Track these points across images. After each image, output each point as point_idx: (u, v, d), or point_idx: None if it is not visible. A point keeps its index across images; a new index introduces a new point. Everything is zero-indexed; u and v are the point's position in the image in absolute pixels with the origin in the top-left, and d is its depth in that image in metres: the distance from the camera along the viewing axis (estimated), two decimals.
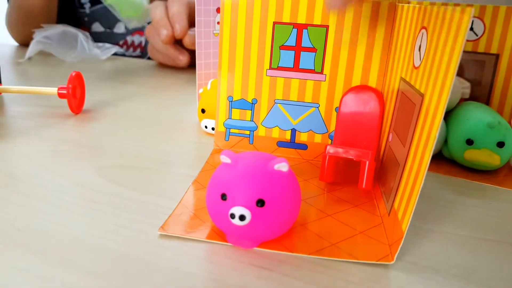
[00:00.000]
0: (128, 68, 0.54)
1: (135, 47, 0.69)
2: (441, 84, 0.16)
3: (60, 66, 0.53)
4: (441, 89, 0.16)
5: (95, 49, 0.58)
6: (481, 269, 0.17)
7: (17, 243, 0.17)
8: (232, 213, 0.16)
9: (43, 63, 0.55)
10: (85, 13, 0.70)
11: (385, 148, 0.22)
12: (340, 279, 0.16)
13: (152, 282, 0.15)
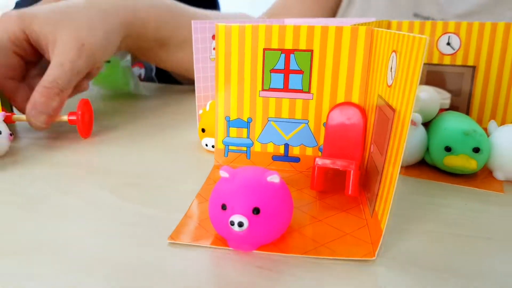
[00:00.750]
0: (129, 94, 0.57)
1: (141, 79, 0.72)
2: (407, 100, 0.18)
3: None
4: (407, 104, 0.18)
5: None
6: (458, 262, 0.19)
7: (42, 257, 0.19)
8: (232, 221, 0.18)
9: None
10: None
11: (368, 158, 0.25)
12: (329, 275, 0.18)
13: (165, 283, 0.17)
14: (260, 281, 0.18)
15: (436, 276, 0.18)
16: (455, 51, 0.34)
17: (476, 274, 0.18)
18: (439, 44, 0.35)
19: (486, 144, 0.27)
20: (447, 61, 0.35)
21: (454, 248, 0.20)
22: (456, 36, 0.34)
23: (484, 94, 0.34)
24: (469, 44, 0.34)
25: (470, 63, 0.34)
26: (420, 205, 0.25)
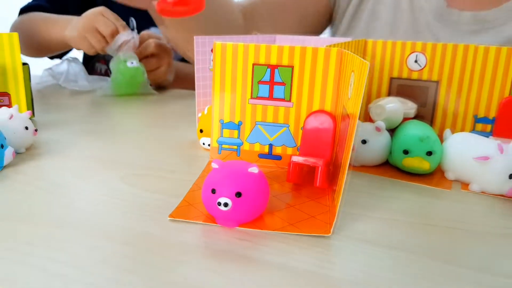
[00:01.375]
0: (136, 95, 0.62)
1: (150, 84, 0.78)
2: (356, 110, 0.23)
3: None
4: (356, 113, 0.23)
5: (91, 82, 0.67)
6: (405, 241, 0.24)
7: (68, 229, 0.25)
8: (219, 201, 0.23)
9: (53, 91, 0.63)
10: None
11: (335, 157, 0.30)
12: (294, 245, 0.23)
13: (167, 250, 0.23)
14: (240, 250, 0.23)
15: (381, 250, 0.23)
16: (421, 67, 0.40)
17: (421, 251, 0.23)
18: (408, 61, 0.40)
19: (438, 148, 0.32)
20: (415, 76, 0.40)
21: (401, 230, 0.25)
22: (422, 55, 0.39)
23: (446, 105, 0.39)
24: (433, 62, 0.39)
25: (434, 79, 0.39)
26: (378, 198, 0.30)
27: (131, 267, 0.21)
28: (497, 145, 0.30)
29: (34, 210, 0.26)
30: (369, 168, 0.35)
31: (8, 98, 0.40)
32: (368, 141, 0.34)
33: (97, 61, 0.83)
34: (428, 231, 0.25)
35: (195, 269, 0.21)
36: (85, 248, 0.22)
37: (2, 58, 0.39)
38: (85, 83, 0.66)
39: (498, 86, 0.37)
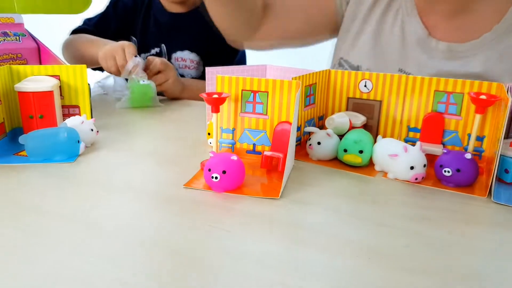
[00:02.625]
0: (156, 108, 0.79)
1: None
2: (293, 119, 0.39)
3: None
4: (294, 122, 0.39)
5: None
6: (333, 204, 0.39)
7: (127, 190, 0.41)
8: (212, 176, 0.39)
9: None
10: None
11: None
12: (258, 202, 0.39)
13: (181, 203, 0.38)
14: (224, 204, 0.38)
15: (315, 208, 0.38)
16: (369, 90, 0.54)
17: (343, 211, 0.38)
18: (360, 86, 0.55)
19: (368, 149, 0.47)
20: (365, 97, 0.55)
21: (331, 199, 0.40)
22: (369, 81, 0.54)
23: (387, 118, 0.54)
24: (377, 87, 0.54)
25: (378, 99, 0.54)
26: (322, 180, 0.45)
27: (164, 207, 0.37)
28: (403, 146, 0.44)
29: (100, 178, 0.43)
30: (323, 161, 0.50)
31: (78, 109, 0.57)
32: (321, 143, 0.49)
33: None
34: (352, 200, 0.40)
35: (199, 212, 0.37)
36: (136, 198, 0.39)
37: (74, 82, 0.56)
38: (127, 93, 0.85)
39: (423, 104, 0.51)
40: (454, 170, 0.42)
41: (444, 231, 0.35)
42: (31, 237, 0.32)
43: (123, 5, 1.10)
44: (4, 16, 0.68)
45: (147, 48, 1.07)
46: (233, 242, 0.32)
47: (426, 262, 0.30)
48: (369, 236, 0.33)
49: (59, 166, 0.46)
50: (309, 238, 0.33)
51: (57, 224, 0.34)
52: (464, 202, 0.40)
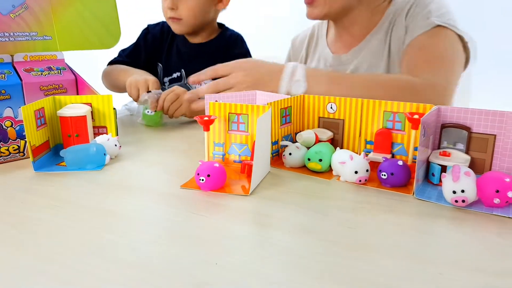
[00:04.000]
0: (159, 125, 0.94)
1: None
2: (254, 133, 0.52)
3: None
4: (253, 134, 0.52)
5: None
6: (294, 201, 0.52)
7: (144, 190, 0.55)
8: (200, 178, 0.53)
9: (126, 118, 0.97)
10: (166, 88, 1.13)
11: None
12: (234, 198, 0.52)
13: (178, 198, 0.52)
14: (209, 199, 0.52)
15: (278, 203, 0.51)
16: (334, 111, 0.67)
17: (313, 208, 0.51)
18: (327, 107, 0.68)
19: (326, 158, 0.60)
20: (331, 116, 0.68)
21: (293, 197, 0.53)
22: (334, 104, 0.67)
23: (349, 134, 0.66)
24: (341, 108, 0.66)
25: (342, 117, 0.67)
26: (289, 182, 0.58)
27: (166, 201, 0.51)
28: (349, 155, 0.57)
29: (120, 181, 0.58)
30: (294, 168, 0.63)
31: (105, 129, 0.72)
32: (292, 154, 0.62)
33: None
34: (308, 197, 0.53)
35: (191, 203, 0.50)
36: (146, 195, 0.53)
37: (103, 108, 0.72)
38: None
39: (376, 122, 0.64)
40: (389, 174, 0.55)
41: (366, 218, 0.47)
42: (69, 222, 0.46)
43: (152, 37, 1.27)
44: (49, 54, 0.85)
45: (170, 73, 1.24)
46: (211, 226, 0.45)
47: (345, 237, 0.42)
48: (314, 221, 0.46)
49: (90, 173, 0.61)
50: (269, 223, 0.46)
51: (88, 213, 0.48)
52: (393, 198, 0.52)
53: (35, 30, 0.78)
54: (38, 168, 0.61)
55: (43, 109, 0.66)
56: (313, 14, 0.96)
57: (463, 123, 0.57)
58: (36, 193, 0.54)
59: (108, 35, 0.87)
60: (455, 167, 0.50)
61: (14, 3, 0.75)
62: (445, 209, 0.49)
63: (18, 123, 0.68)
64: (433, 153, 0.58)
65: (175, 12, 1.12)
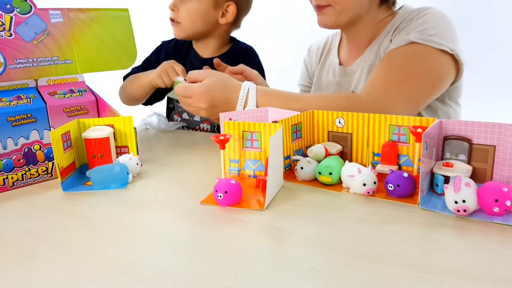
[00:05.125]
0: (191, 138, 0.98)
1: (204, 131, 1.16)
2: (267, 149, 0.56)
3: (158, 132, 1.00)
4: (265, 150, 0.56)
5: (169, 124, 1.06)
6: (307, 213, 0.56)
7: (165, 206, 0.59)
8: (218, 195, 0.57)
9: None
10: (180, 106, 1.18)
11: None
12: (250, 212, 0.56)
13: (199, 215, 0.56)
14: (228, 214, 0.56)
15: (291, 215, 0.55)
16: (342, 125, 0.71)
17: (325, 220, 0.55)
18: (336, 122, 0.71)
19: (336, 171, 0.63)
20: (339, 130, 0.71)
21: (306, 209, 0.57)
22: (342, 119, 0.70)
23: (357, 147, 0.70)
24: (349, 122, 0.70)
25: (350, 131, 0.70)
26: (302, 195, 0.61)
27: (187, 216, 0.55)
28: (357, 168, 0.60)
29: (143, 199, 0.62)
30: (305, 181, 0.66)
31: (127, 148, 0.77)
32: (304, 168, 0.66)
33: (175, 114, 1.24)
34: (320, 209, 0.57)
35: (210, 219, 0.54)
36: (168, 212, 0.57)
37: (124, 129, 0.76)
38: (168, 126, 1.06)
39: (382, 135, 0.67)
40: (395, 186, 0.58)
41: (375, 229, 0.50)
42: (98, 240, 0.50)
43: (165, 53, 1.30)
44: (70, 77, 0.90)
45: None
46: (229, 241, 0.49)
47: (356, 249, 0.46)
48: (326, 234, 0.50)
49: (114, 192, 0.65)
50: (283, 237, 0.49)
51: (114, 231, 0.52)
52: (399, 209, 0.56)
53: (56, 54, 0.83)
54: (66, 189, 0.66)
55: (69, 132, 0.71)
56: (323, 22, 0.98)
57: (464, 135, 0.60)
58: (66, 212, 0.58)
59: (125, 55, 0.91)
60: (457, 178, 0.54)
61: (36, 30, 0.80)
62: (449, 218, 0.52)
63: (46, 146, 0.73)
64: (436, 164, 0.61)
65: (175, 14, 1.13)
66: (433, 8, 0.92)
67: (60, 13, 0.82)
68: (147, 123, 1.12)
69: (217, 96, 0.84)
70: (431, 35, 0.87)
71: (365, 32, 1.01)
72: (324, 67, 1.15)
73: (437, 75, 0.90)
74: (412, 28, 0.89)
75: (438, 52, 0.87)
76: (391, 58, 0.90)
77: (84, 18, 0.83)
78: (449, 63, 0.89)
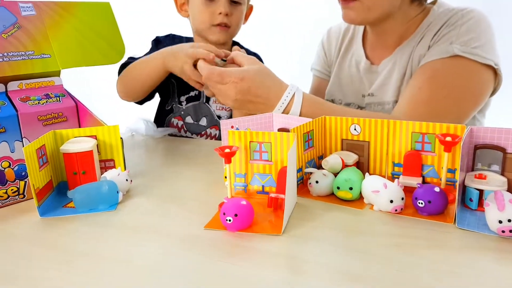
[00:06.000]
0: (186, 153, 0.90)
1: (212, 137, 1.05)
2: (286, 163, 0.48)
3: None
4: (285, 165, 0.48)
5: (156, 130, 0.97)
6: (336, 239, 0.48)
7: (153, 231, 0.51)
8: (227, 219, 0.49)
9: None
10: (182, 108, 1.07)
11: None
12: (265, 239, 0.48)
13: (202, 241, 0.48)
14: (237, 241, 0.48)
15: (311, 242, 0.47)
16: (358, 133, 0.64)
17: (352, 246, 0.47)
18: (350, 129, 0.64)
19: (356, 185, 0.56)
20: (355, 138, 0.64)
21: (326, 232, 0.49)
22: (358, 125, 0.63)
23: (375, 156, 0.63)
24: (365, 130, 0.63)
25: (366, 139, 0.63)
26: (319, 214, 0.54)
27: (188, 246, 0.46)
28: (383, 183, 0.53)
29: (136, 223, 0.53)
30: (320, 197, 0.59)
31: (113, 162, 0.68)
32: (319, 182, 0.58)
33: (174, 117, 1.09)
34: (343, 232, 0.49)
35: (218, 248, 0.46)
36: (180, 235, 0.48)
37: (109, 139, 0.67)
38: (156, 133, 0.97)
39: (403, 143, 0.60)
40: (426, 202, 0.51)
41: (411, 255, 0.43)
42: (85, 279, 0.41)
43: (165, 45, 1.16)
44: (46, 80, 0.79)
45: (187, 90, 1.08)
46: (241, 275, 0.41)
47: (397, 281, 0.39)
48: (354, 264, 0.42)
49: (102, 215, 0.56)
50: (305, 269, 0.42)
51: (105, 266, 0.44)
52: (433, 229, 0.49)
53: (31, 49, 0.73)
54: (44, 213, 0.57)
55: (44, 146, 0.61)
56: (349, 17, 0.88)
57: (497, 143, 0.54)
58: (45, 243, 0.49)
59: (111, 49, 0.83)
60: (498, 194, 0.47)
61: (5, 23, 0.70)
62: (490, 240, 0.46)
63: (16, 162, 0.63)
64: (468, 176, 0.55)
65: (228, 19, 1.00)
66: (476, 11, 0.83)
67: (31, 5, 0.72)
68: (132, 130, 1.02)
69: (255, 90, 0.72)
70: (476, 47, 0.79)
71: (394, 30, 0.92)
72: (347, 56, 1.04)
73: (481, 92, 0.83)
74: (455, 37, 0.81)
75: (482, 68, 0.80)
76: (433, 74, 0.81)
77: (58, 11, 0.74)
78: (490, 78, 0.82)
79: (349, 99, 1.01)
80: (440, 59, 0.81)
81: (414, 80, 0.84)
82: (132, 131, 1.01)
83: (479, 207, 0.52)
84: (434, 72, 0.81)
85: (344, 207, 0.56)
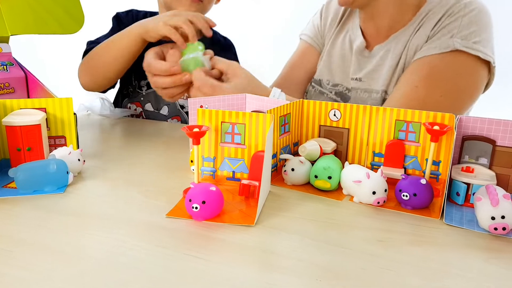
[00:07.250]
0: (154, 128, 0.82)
1: None
2: (264, 148, 0.43)
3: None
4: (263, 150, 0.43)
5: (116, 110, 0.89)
6: (312, 231, 0.43)
7: (107, 218, 0.44)
8: (193, 206, 0.43)
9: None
10: (142, 94, 0.98)
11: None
12: (232, 230, 0.42)
13: (163, 232, 0.42)
14: (203, 231, 0.42)
15: (285, 234, 0.42)
16: (338, 119, 0.59)
17: (330, 241, 0.42)
18: (330, 115, 0.59)
19: (336, 174, 0.51)
20: (334, 124, 0.59)
21: (301, 223, 0.45)
22: (338, 111, 0.59)
23: (355, 144, 0.59)
24: (345, 116, 0.58)
25: (346, 126, 0.59)
26: (295, 204, 0.49)
27: (147, 236, 0.40)
28: (366, 173, 0.49)
29: (87, 208, 0.46)
30: (297, 186, 0.54)
31: (64, 139, 0.60)
32: (295, 169, 0.53)
33: (130, 102, 1.01)
34: (320, 224, 0.45)
35: (182, 239, 0.40)
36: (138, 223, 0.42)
37: (61, 114, 0.59)
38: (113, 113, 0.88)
39: (386, 132, 0.56)
40: (411, 195, 0.47)
41: (396, 253, 0.39)
42: (25, 273, 0.35)
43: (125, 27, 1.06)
44: None
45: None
46: (209, 270, 0.35)
47: (383, 280, 0.34)
48: (334, 260, 0.38)
49: (49, 198, 0.49)
50: (279, 263, 0.37)
51: (50, 258, 0.37)
52: (419, 224, 0.45)
53: None
54: None
55: None
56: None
57: (487, 135, 0.51)
58: None
59: (69, 18, 0.76)
60: (490, 188, 0.44)
61: None
62: (481, 238, 0.43)
63: None
64: (454, 169, 0.51)
65: None
66: (478, 2, 0.80)
67: None
68: (87, 108, 0.93)
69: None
70: (477, 42, 0.77)
71: (385, 15, 0.87)
72: (341, 33, 0.98)
73: (476, 90, 0.81)
74: (456, 30, 0.78)
75: (481, 64, 0.78)
76: (431, 71, 0.78)
77: None
78: (486, 74, 0.80)
79: (337, 80, 0.96)
80: (439, 54, 0.78)
81: (410, 76, 0.80)
82: (86, 108, 0.92)
83: (465, 202, 0.49)
84: (432, 69, 0.78)
85: (321, 197, 0.51)
